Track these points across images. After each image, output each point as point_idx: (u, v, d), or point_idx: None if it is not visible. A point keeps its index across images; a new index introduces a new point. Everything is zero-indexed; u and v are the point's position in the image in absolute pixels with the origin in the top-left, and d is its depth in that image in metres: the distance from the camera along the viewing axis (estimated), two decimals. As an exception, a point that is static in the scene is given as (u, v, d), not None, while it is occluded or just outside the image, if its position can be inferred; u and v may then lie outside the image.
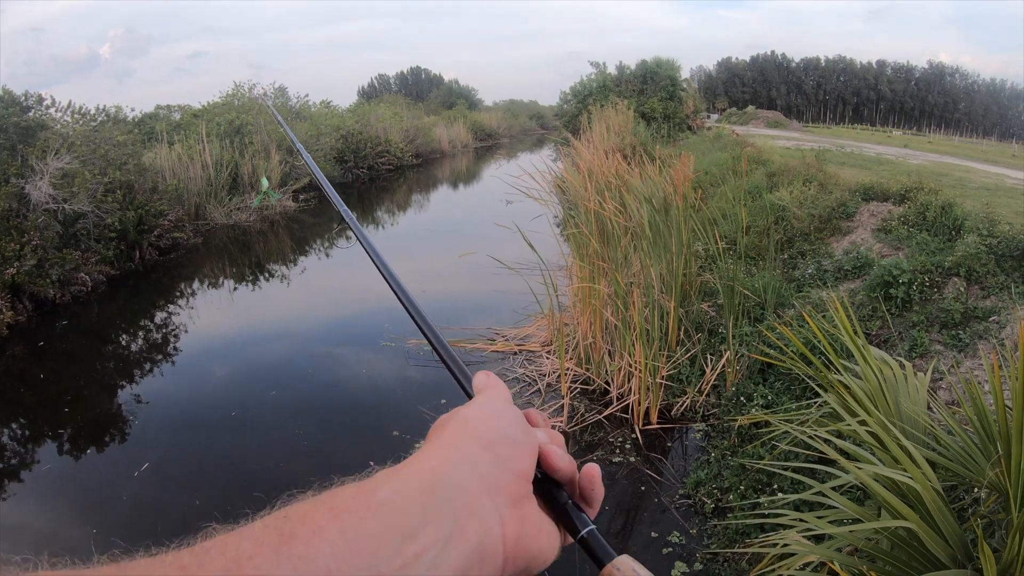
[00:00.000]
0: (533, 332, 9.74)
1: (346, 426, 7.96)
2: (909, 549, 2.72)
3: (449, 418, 0.69)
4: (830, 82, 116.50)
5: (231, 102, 26.92)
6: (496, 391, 0.76)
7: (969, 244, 7.34)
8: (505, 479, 0.63)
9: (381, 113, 37.51)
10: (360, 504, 0.55)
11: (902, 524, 2.61)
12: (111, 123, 18.46)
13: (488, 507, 0.60)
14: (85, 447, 7.57)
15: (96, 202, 13.31)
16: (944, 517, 2.64)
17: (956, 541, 2.64)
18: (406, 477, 0.59)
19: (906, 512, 2.63)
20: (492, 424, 0.68)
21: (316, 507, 0.55)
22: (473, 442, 0.65)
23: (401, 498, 0.56)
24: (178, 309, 12.95)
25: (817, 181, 12.07)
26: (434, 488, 0.58)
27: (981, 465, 3.09)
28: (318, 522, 0.53)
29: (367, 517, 0.54)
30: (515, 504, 0.63)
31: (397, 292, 1.05)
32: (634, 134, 22.84)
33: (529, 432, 0.70)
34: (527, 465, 0.67)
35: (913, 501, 2.72)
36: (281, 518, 0.54)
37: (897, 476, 2.73)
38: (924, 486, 2.63)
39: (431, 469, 0.61)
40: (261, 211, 21.36)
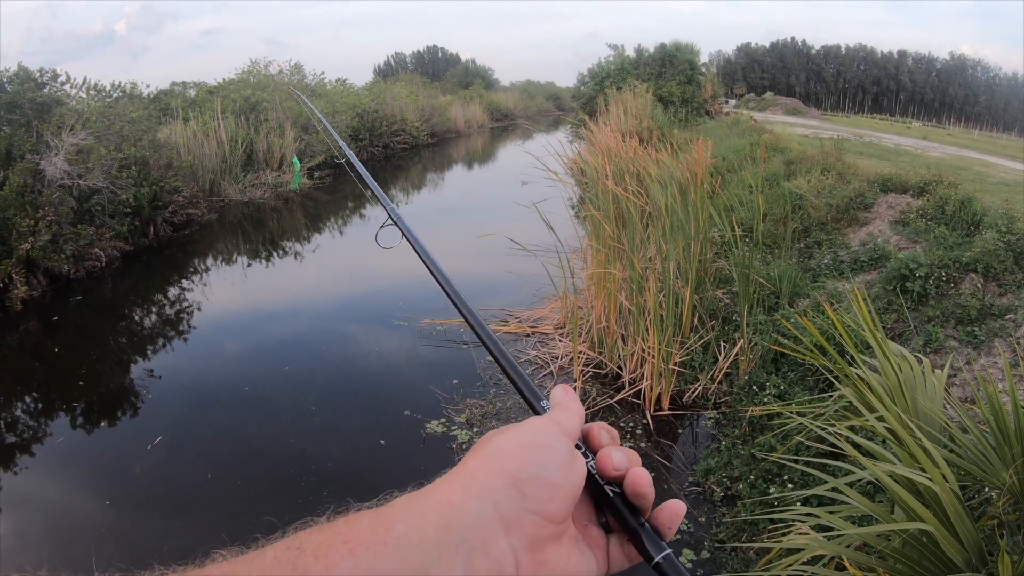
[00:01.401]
0: (546, 314, 9.74)
1: (358, 404, 7.99)
2: (922, 549, 2.71)
3: (486, 441, 0.68)
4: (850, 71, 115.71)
5: (247, 79, 26.91)
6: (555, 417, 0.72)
7: (988, 240, 7.29)
8: (528, 520, 0.61)
9: (397, 92, 37.41)
10: (376, 538, 0.55)
11: (919, 526, 2.60)
12: (126, 99, 18.52)
13: (504, 549, 0.59)
14: (98, 420, 7.62)
15: (111, 178, 13.30)
16: (961, 519, 2.63)
17: (972, 544, 2.62)
18: (424, 511, 0.59)
19: (923, 513, 2.61)
20: (526, 458, 0.65)
21: (331, 540, 0.55)
22: (499, 476, 0.63)
23: (417, 534, 0.56)
24: (192, 285, 12.99)
25: (835, 170, 11.99)
26: (450, 525, 0.57)
27: (995, 466, 3.07)
28: (332, 558, 0.53)
29: (383, 553, 0.54)
30: (535, 547, 0.62)
31: (454, 299, 1.05)
32: (651, 117, 22.70)
33: (571, 471, 0.67)
34: (558, 508, 0.64)
35: (930, 501, 2.71)
36: (295, 549, 0.54)
37: (915, 476, 2.71)
38: (943, 487, 2.62)
39: (450, 503, 0.60)
40: (275, 188, 21.33)
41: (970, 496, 3.28)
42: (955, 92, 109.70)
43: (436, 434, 6.97)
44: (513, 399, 7.69)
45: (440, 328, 9.63)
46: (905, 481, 2.80)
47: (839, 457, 3.66)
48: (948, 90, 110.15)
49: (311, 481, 6.20)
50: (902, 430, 2.98)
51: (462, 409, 7.42)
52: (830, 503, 3.86)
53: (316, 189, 22.64)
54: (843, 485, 3.07)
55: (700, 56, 35.94)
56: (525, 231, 8.93)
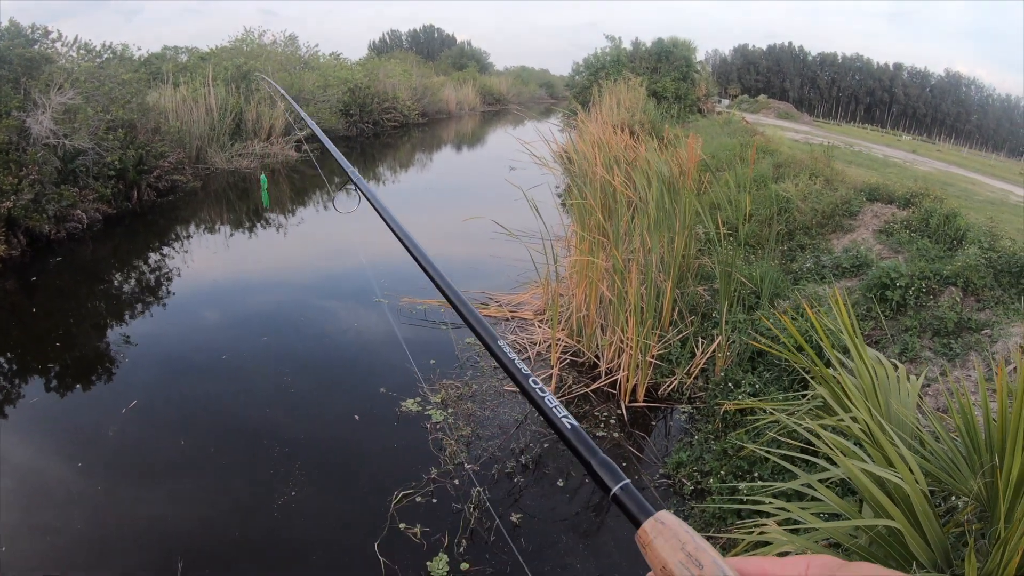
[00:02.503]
0: (527, 300, 9.74)
1: (334, 379, 7.97)
2: (888, 548, 2.73)
3: None
4: (845, 79, 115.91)
5: (240, 47, 26.74)
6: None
7: (969, 255, 7.34)
8: None
9: (390, 69, 37.28)
10: None
11: (889, 523, 2.62)
12: (117, 61, 18.31)
13: None
14: (74, 383, 7.56)
15: (97, 139, 13.16)
16: (929, 520, 2.65)
17: (938, 545, 2.65)
18: None
19: (893, 511, 2.64)
20: None
21: None
22: None
23: None
24: (173, 252, 12.89)
25: (823, 176, 12.04)
26: None
27: (964, 474, 3.10)
28: None
29: None
30: None
31: (417, 257, 1.08)
32: (644, 111, 22.72)
33: None
34: None
35: (899, 500, 2.73)
36: None
37: (888, 475, 2.74)
38: (913, 487, 2.64)
39: None
40: (262, 158, 21.24)
41: (936, 503, 3.31)
42: (947, 109, 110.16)
43: (411, 412, 6.96)
44: (489, 382, 7.70)
45: (420, 307, 9.63)
46: (876, 480, 2.82)
47: (811, 455, 3.69)
48: (941, 106, 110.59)
49: (284, 452, 6.19)
50: (878, 431, 3.01)
51: (438, 389, 7.42)
52: (799, 499, 3.89)
53: (303, 163, 22.51)
54: (815, 481, 3.09)
55: (697, 54, 36.10)
56: (510, 216, 8.92)
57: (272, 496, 5.57)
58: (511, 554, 5.10)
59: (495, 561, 5.03)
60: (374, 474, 6.06)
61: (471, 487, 5.81)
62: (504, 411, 7.15)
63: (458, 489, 5.79)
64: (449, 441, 6.45)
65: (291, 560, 4.99)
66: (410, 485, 5.77)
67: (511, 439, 6.62)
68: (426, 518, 5.40)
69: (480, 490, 5.74)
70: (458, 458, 6.21)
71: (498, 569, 4.96)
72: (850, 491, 4.17)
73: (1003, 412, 2.88)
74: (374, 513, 5.43)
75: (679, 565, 0.64)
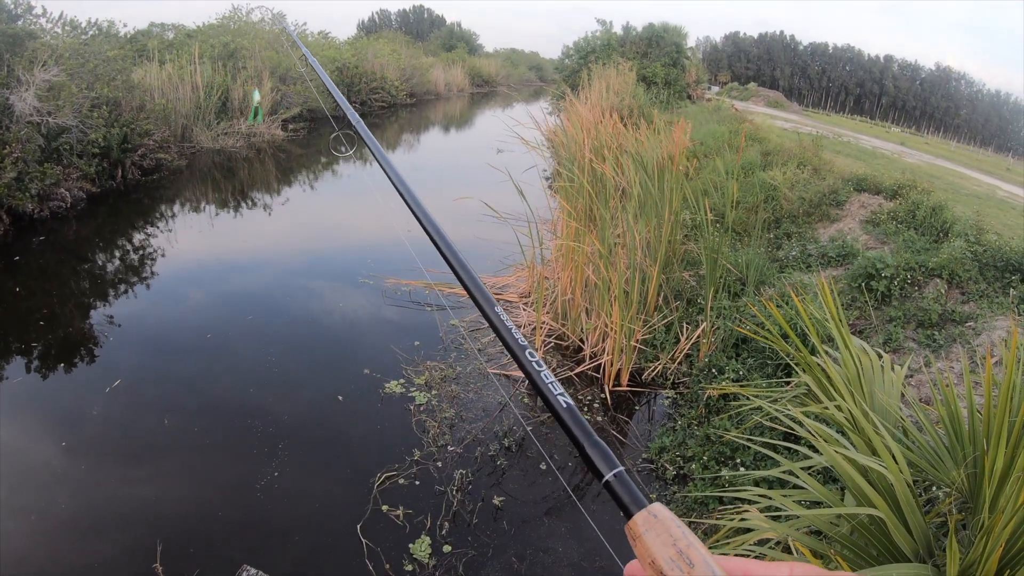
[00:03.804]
0: (512, 282, 9.73)
1: (318, 359, 7.94)
2: (870, 537, 2.74)
3: None
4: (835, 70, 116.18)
5: (227, 24, 26.52)
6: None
7: (955, 248, 7.37)
8: None
9: (379, 49, 37.08)
10: None
11: (871, 511, 2.62)
12: (102, 37, 18.08)
13: None
14: (57, 362, 7.49)
15: (81, 117, 12.99)
16: (912, 510, 2.66)
17: (920, 534, 2.65)
18: None
19: (876, 500, 2.64)
20: None
21: None
22: None
23: None
24: (158, 231, 12.77)
25: (811, 166, 12.06)
26: None
27: (947, 464, 3.11)
28: None
29: None
30: None
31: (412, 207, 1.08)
32: (633, 96, 22.68)
33: None
34: None
35: (882, 489, 2.73)
36: None
37: (872, 464, 2.74)
38: (897, 477, 2.64)
39: None
40: (248, 137, 21.09)
41: (918, 493, 3.32)
42: (937, 102, 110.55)
43: (394, 394, 6.95)
44: (473, 364, 7.70)
45: (405, 289, 9.61)
46: (859, 468, 2.82)
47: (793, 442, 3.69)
48: (930, 99, 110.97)
49: (267, 432, 6.17)
50: (863, 419, 3.01)
51: (422, 371, 7.41)
52: (781, 487, 3.90)
53: (290, 142, 22.38)
54: (798, 468, 3.09)
55: (687, 40, 35.97)
56: (497, 198, 8.91)
57: (255, 477, 5.56)
58: (493, 536, 5.11)
59: (477, 543, 5.04)
60: (357, 456, 6.05)
61: (454, 469, 5.81)
62: (488, 394, 7.14)
63: (441, 471, 5.79)
64: (432, 423, 6.44)
65: (274, 541, 4.97)
66: (393, 467, 5.76)
67: (494, 422, 6.62)
68: (409, 500, 5.40)
69: (463, 472, 5.74)
70: (441, 440, 6.21)
71: (480, 551, 4.97)
72: (832, 479, 4.19)
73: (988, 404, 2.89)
74: (357, 495, 5.42)
75: (669, 561, 0.63)
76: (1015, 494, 2.45)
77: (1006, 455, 2.64)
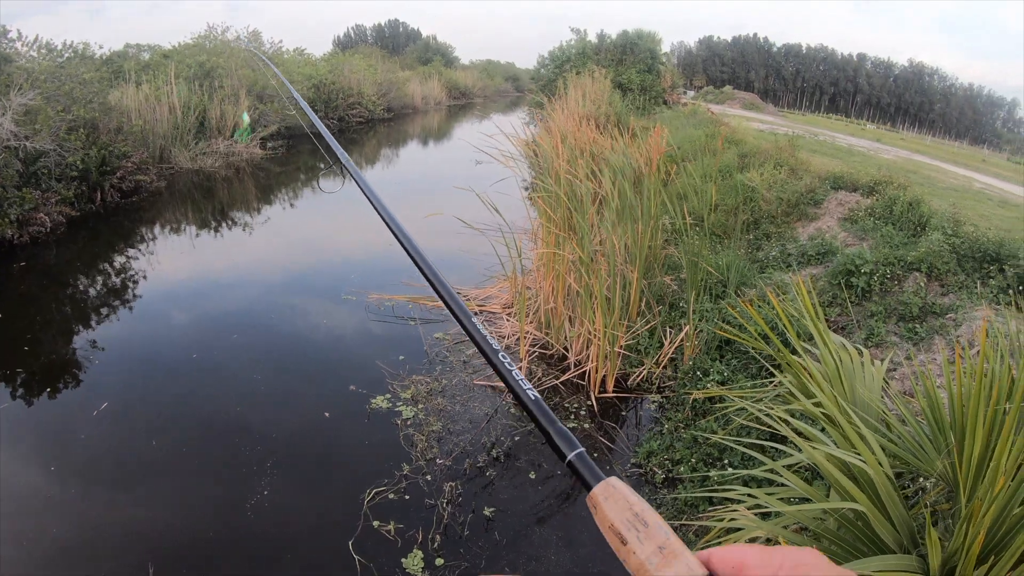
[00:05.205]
0: (495, 294, 9.74)
1: (304, 376, 7.92)
2: (855, 531, 2.76)
3: None
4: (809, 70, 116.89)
5: (202, 43, 26.47)
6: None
7: (933, 241, 7.43)
8: None
9: (355, 64, 37.02)
10: None
11: (853, 506, 2.65)
12: (78, 60, 18.06)
13: None
14: (43, 387, 7.45)
15: (59, 140, 12.91)
16: (893, 502, 2.68)
17: (903, 526, 2.68)
18: None
19: (857, 494, 2.67)
20: None
21: None
22: None
23: None
24: (139, 253, 12.73)
25: (788, 166, 12.13)
26: None
27: (931, 455, 3.14)
28: None
29: None
30: None
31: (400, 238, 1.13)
32: (609, 103, 22.76)
33: None
34: None
35: (864, 484, 2.76)
36: None
37: (850, 458, 2.76)
38: (876, 470, 2.67)
39: None
40: (227, 157, 21.05)
41: (904, 484, 3.35)
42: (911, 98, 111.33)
43: (381, 409, 6.95)
44: (459, 376, 7.70)
45: (388, 304, 9.61)
46: (840, 464, 2.85)
47: (779, 441, 3.72)
48: (904, 96, 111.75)
49: (255, 451, 6.16)
50: (840, 415, 3.03)
51: (407, 385, 7.41)
52: (768, 485, 3.92)
53: (269, 160, 22.34)
54: (781, 468, 3.11)
55: (662, 46, 36.22)
56: (477, 210, 8.92)
57: (245, 496, 5.54)
58: (486, 547, 5.11)
59: (470, 555, 5.04)
60: (346, 472, 6.05)
61: (444, 482, 5.81)
62: (474, 405, 7.15)
63: (430, 484, 5.79)
64: (420, 437, 6.44)
65: (265, 560, 4.96)
66: (382, 482, 5.76)
67: (482, 433, 6.62)
68: (400, 515, 5.39)
69: (452, 485, 5.75)
70: (429, 453, 6.21)
71: (473, 563, 4.97)
72: (819, 475, 4.22)
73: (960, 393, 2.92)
74: (347, 511, 5.41)
75: (625, 523, 0.69)
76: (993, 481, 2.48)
77: (981, 443, 2.67)
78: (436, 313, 9.32)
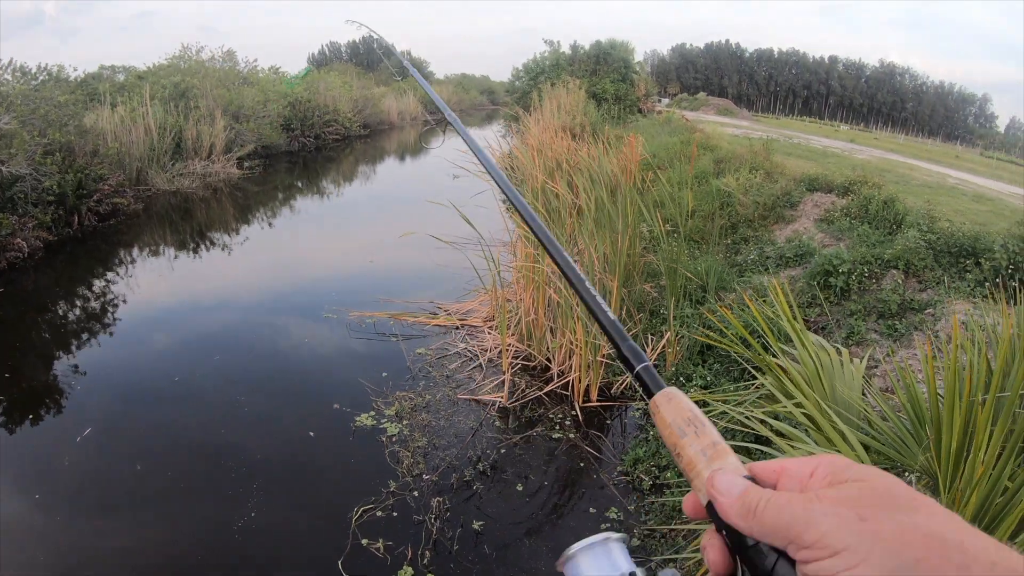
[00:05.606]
0: (475, 307, 9.74)
1: (287, 396, 7.89)
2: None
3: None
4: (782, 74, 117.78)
5: (177, 64, 26.38)
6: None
7: (909, 238, 7.50)
8: None
9: (331, 82, 36.99)
10: None
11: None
12: (52, 82, 17.94)
13: None
14: (25, 414, 7.39)
15: (35, 164, 12.84)
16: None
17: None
18: None
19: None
20: None
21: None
22: None
23: None
24: (118, 277, 12.66)
25: (763, 169, 12.21)
26: None
27: (913, 450, 3.16)
28: None
29: None
30: None
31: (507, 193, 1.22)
32: (584, 114, 22.85)
33: None
34: None
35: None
36: None
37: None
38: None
39: None
40: (204, 177, 20.94)
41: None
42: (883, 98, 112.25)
43: (366, 427, 6.93)
44: (443, 391, 7.69)
45: (369, 321, 9.59)
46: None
47: (763, 443, 3.73)
48: (876, 96, 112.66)
49: (241, 473, 6.12)
50: (819, 415, 3.05)
51: (391, 402, 7.39)
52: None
53: (246, 180, 22.26)
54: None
55: (635, 55, 36.40)
56: (456, 223, 8.93)
57: (232, 518, 5.51)
58: (475, 561, 5.11)
59: (460, 569, 5.03)
60: (333, 491, 6.02)
61: (431, 497, 5.79)
62: (459, 419, 7.14)
63: (418, 500, 5.78)
64: (406, 453, 6.42)
65: (254, 583, 4.94)
66: (370, 500, 5.73)
67: (467, 447, 6.61)
68: (388, 532, 5.37)
69: (440, 500, 5.73)
70: (416, 469, 6.19)
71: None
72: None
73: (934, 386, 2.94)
74: (335, 530, 5.39)
75: (683, 421, 0.76)
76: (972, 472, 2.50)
77: (959, 434, 2.69)
78: (417, 329, 9.32)
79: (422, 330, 9.29)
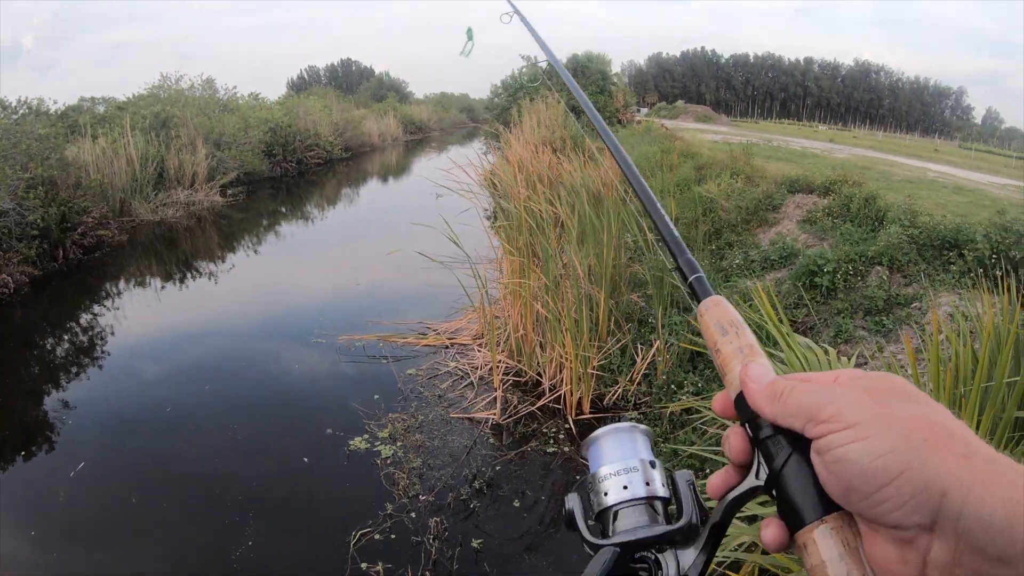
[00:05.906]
0: (464, 325, 9.74)
1: (280, 423, 7.86)
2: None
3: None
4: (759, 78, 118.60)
5: (156, 93, 26.38)
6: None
7: (892, 234, 7.55)
8: None
9: (310, 106, 36.98)
10: None
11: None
12: (33, 116, 17.91)
13: None
14: (17, 451, 7.34)
15: (18, 199, 12.80)
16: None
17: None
18: None
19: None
20: None
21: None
22: None
23: None
24: (105, 310, 12.60)
25: (744, 174, 12.27)
26: None
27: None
28: None
29: None
30: None
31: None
32: (564, 127, 22.90)
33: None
34: None
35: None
36: None
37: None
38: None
39: None
40: (188, 207, 20.91)
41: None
42: (860, 96, 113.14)
43: (360, 450, 6.91)
44: (435, 411, 7.69)
45: (359, 344, 9.58)
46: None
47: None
48: (853, 94, 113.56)
49: (236, 501, 6.10)
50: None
51: (384, 424, 7.38)
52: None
53: (230, 207, 22.22)
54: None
55: (612, 66, 36.54)
56: (442, 242, 8.94)
57: (229, 547, 5.48)
58: (474, 580, 5.10)
59: (459, 589, 5.02)
60: (329, 516, 6.00)
61: (428, 518, 5.78)
62: (453, 439, 7.13)
63: (415, 521, 5.76)
64: (401, 475, 6.41)
65: (253, 612, 4.92)
66: (367, 523, 5.72)
67: (463, 465, 6.60)
68: (387, 555, 5.35)
69: (438, 520, 5.72)
70: (412, 490, 6.18)
71: (462, 597, 4.95)
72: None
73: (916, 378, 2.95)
74: (334, 555, 5.37)
75: (725, 322, 0.83)
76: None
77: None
78: (407, 350, 9.31)
79: (412, 351, 9.28)
